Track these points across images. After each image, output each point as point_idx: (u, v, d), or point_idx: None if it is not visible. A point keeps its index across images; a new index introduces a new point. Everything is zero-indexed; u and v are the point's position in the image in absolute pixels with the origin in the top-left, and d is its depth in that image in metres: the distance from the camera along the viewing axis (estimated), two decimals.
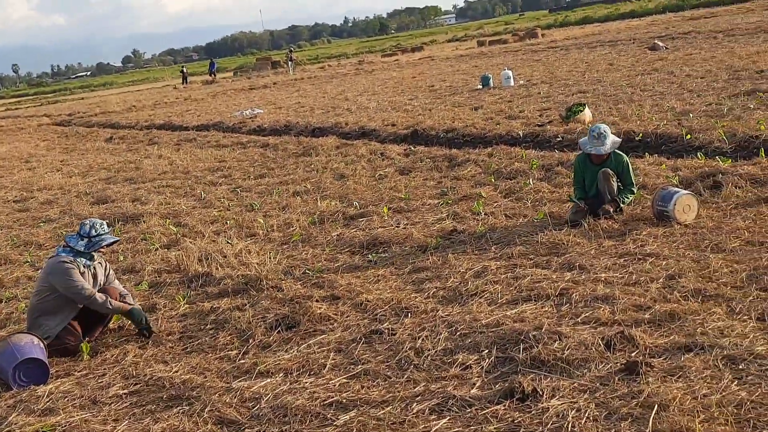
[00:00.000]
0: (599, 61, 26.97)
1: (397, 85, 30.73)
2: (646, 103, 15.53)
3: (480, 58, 40.55)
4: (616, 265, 7.00)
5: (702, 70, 19.40)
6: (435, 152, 13.82)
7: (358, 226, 9.77)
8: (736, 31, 29.89)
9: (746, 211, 8.00)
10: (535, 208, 9.40)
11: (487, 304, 6.48)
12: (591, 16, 75.26)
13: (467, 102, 20.85)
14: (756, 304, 5.68)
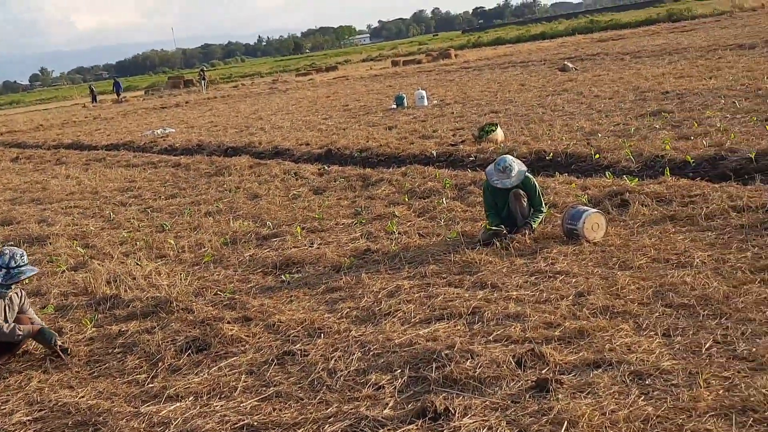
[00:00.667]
0: (511, 81, 27.37)
1: (312, 104, 30.72)
2: (556, 122, 15.80)
3: (394, 78, 40.78)
4: (527, 283, 7.07)
5: (610, 90, 19.83)
6: (349, 172, 13.82)
7: (272, 246, 9.70)
8: (643, 53, 30.65)
9: (652, 229, 8.17)
10: (448, 227, 9.45)
11: (400, 324, 6.47)
12: (503, 38, 76.40)
13: (381, 121, 20.93)
14: (661, 320, 5.79)
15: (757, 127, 12.05)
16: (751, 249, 7.10)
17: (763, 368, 4.80)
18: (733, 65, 21.22)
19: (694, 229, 8.01)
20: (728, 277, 6.49)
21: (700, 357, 5.10)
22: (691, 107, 15.06)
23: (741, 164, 10.16)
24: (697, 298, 6.09)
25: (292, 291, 7.79)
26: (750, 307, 5.79)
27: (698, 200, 8.79)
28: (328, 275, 8.18)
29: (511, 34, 79.56)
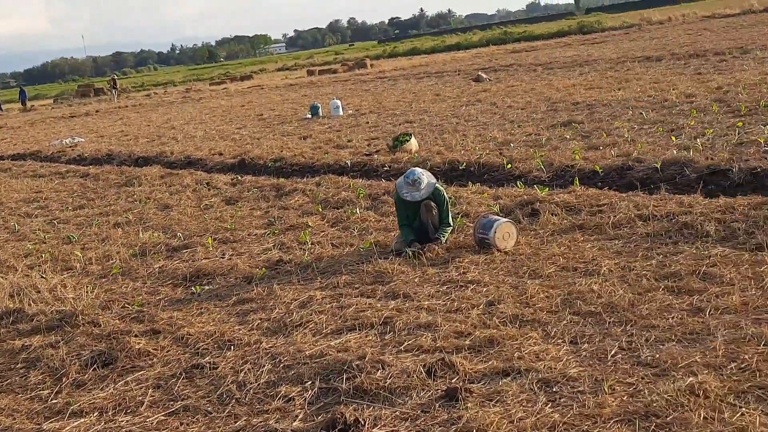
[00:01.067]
0: (426, 91, 27.56)
1: (226, 113, 30.49)
2: (470, 133, 15.95)
3: (310, 88, 40.74)
4: (439, 292, 7.09)
5: (522, 101, 20.11)
6: (262, 182, 13.73)
7: (182, 257, 9.56)
8: (555, 64, 31.18)
9: (562, 238, 8.29)
10: (361, 237, 9.45)
11: (311, 335, 6.43)
12: (418, 48, 76.94)
13: (296, 131, 20.88)
14: (569, 328, 5.87)
15: (662, 138, 12.34)
16: (656, 257, 7.25)
17: (666, 374, 4.89)
18: (640, 77, 21.71)
19: (602, 237, 8.15)
20: (634, 284, 6.61)
21: (606, 364, 5.18)
22: (601, 118, 15.35)
23: (647, 174, 10.38)
24: (604, 306, 6.19)
25: (202, 303, 7.68)
26: (654, 314, 5.90)
27: (606, 209, 8.94)
28: (240, 286, 8.09)
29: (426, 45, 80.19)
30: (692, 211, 8.27)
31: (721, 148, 10.98)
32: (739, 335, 5.28)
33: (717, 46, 27.59)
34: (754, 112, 13.38)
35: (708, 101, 15.22)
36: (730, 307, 5.83)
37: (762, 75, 17.78)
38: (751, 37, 29.63)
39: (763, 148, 10.54)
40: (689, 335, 5.45)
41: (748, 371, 4.79)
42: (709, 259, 6.94)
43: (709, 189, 9.50)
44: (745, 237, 7.40)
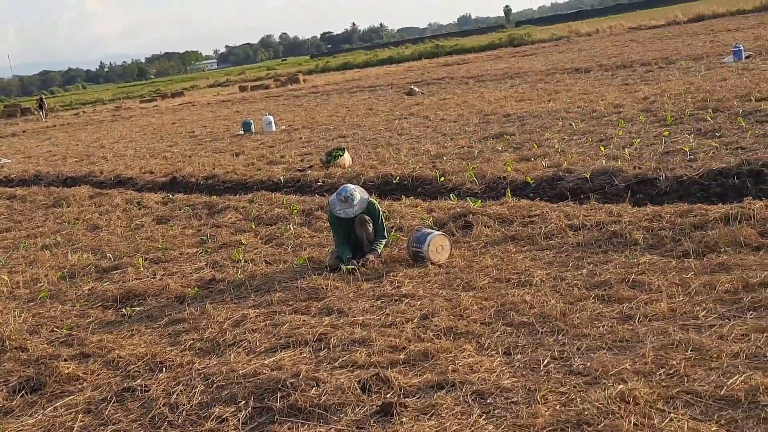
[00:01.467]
0: (359, 105, 27.63)
1: (157, 131, 30.20)
2: (403, 146, 16.02)
3: (242, 104, 40.57)
4: (373, 307, 7.08)
5: (455, 114, 20.27)
6: (194, 200, 13.60)
7: (112, 279, 9.40)
8: (486, 77, 31.52)
9: (494, 250, 8.35)
10: (295, 253, 9.40)
11: (245, 354, 6.37)
12: (351, 62, 77.13)
13: (228, 148, 20.78)
14: (503, 339, 5.90)
15: (591, 148, 12.53)
16: (586, 266, 7.34)
17: (597, 382, 4.94)
18: (570, 88, 22.04)
19: (534, 248, 8.23)
20: (565, 294, 6.68)
21: (539, 374, 5.22)
22: (532, 129, 15.54)
23: (577, 184, 10.53)
24: (536, 316, 6.24)
25: (133, 325, 7.55)
26: (585, 323, 5.97)
27: (537, 220, 9.03)
28: (172, 307, 7.98)
29: (359, 59, 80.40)
30: (621, 220, 8.40)
31: (648, 157, 11.18)
32: (668, 341, 5.36)
33: (643, 57, 28.16)
34: (680, 121, 13.65)
35: (635, 111, 15.50)
36: (658, 314, 5.92)
37: (687, 85, 18.17)
38: (676, 47, 30.30)
39: (689, 156, 10.76)
40: (619, 343, 5.52)
41: (677, 377, 4.86)
42: (638, 267, 7.05)
43: (637, 198, 9.67)
44: (672, 244, 7.53)
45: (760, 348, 5.03)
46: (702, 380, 4.75)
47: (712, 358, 5.02)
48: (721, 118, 13.27)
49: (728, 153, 10.65)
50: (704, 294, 6.19)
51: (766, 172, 9.29)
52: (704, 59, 24.12)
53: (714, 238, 7.36)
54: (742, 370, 4.77)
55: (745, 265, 6.68)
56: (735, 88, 16.15)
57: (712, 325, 5.57)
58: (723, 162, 10.03)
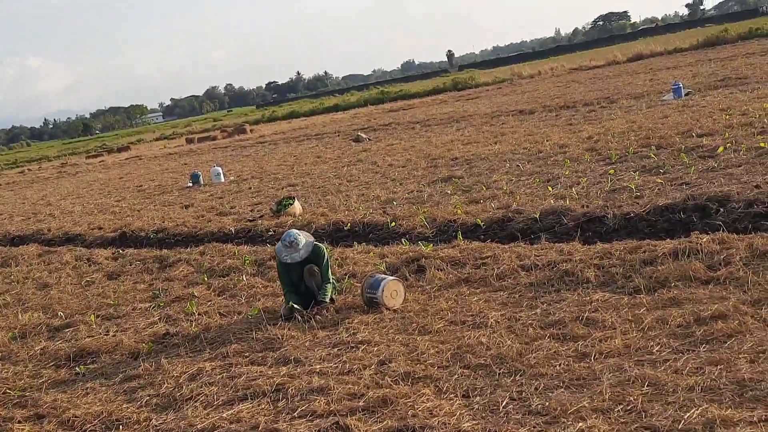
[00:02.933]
0: (307, 154, 27.68)
1: (104, 186, 29.95)
2: (352, 193, 16.06)
3: (189, 156, 40.44)
4: (330, 355, 7.06)
5: (403, 159, 20.38)
6: (145, 254, 13.49)
7: (64, 337, 9.26)
8: (432, 121, 31.77)
9: (448, 292, 8.39)
10: (249, 304, 9.36)
11: (203, 408, 6.30)
12: (297, 111, 77.22)
13: (177, 200, 20.66)
14: (461, 382, 5.92)
15: (539, 188, 12.67)
16: (540, 306, 7.41)
17: (556, 421, 4.97)
18: (515, 130, 22.31)
19: (488, 289, 8.29)
20: (521, 334, 6.73)
21: (498, 415, 5.24)
22: (480, 172, 15.68)
23: (527, 224, 10.63)
24: (493, 357, 6.27)
25: (87, 383, 7.45)
26: (542, 362, 6.01)
27: (489, 261, 9.10)
28: (126, 363, 7.89)
29: (305, 108, 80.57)
30: (572, 259, 8.49)
31: (595, 195, 11.34)
32: (624, 378, 5.42)
33: (585, 97, 28.60)
34: (624, 159, 13.88)
35: (580, 150, 15.73)
36: (613, 350, 5.99)
37: (629, 123, 18.48)
38: (617, 87, 30.82)
39: (635, 193, 10.93)
40: (576, 381, 5.57)
41: (634, 412, 4.91)
42: (591, 304, 7.13)
43: (587, 236, 9.79)
44: (623, 281, 7.64)
45: (715, 381, 5.11)
46: (659, 415, 4.81)
47: (668, 393, 5.08)
48: (664, 154, 13.53)
49: (673, 189, 10.84)
50: (657, 329, 6.28)
51: (711, 206, 9.47)
52: (645, 97, 24.57)
53: (664, 273, 7.48)
54: (698, 403, 4.84)
55: (695, 299, 6.79)
56: (676, 125, 16.48)
57: (666, 359, 5.65)
58: (669, 198, 10.21)
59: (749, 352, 5.46)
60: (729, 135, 13.96)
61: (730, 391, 4.95)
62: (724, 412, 4.65)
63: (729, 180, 10.62)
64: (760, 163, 11.32)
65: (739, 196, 9.52)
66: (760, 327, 5.93)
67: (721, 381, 5.09)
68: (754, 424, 4.51)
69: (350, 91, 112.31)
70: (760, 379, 4.99)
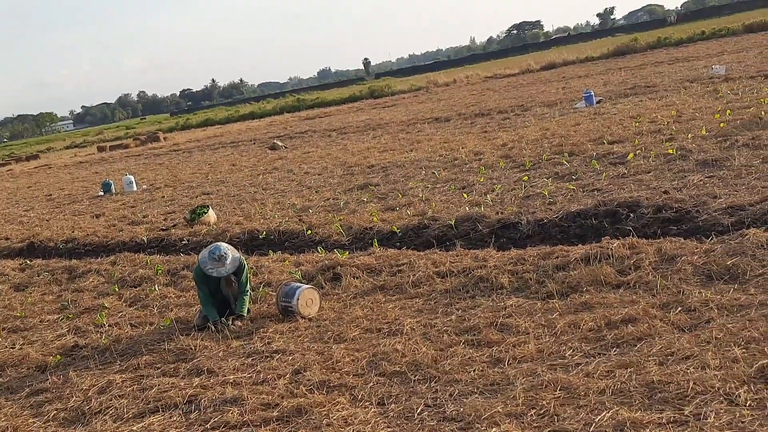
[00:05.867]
0: (222, 162, 27.43)
1: (11, 195, 29.21)
2: (268, 201, 15.95)
3: (101, 164, 39.71)
4: (244, 365, 6.96)
5: (319, 167, 20.33)
6: (54, 265, 13.16)
7: None
8: (348, 129, 31.80)
9: (364, 300, 8.37)
10: (162, 314, 9.20)
11: (112, 421, 6.15)
12: (212, 119, 76.48)
13: (88, 210, 20.26)
14: (376, 389, 5.89)
15: (455, 195, 12.74)
16: (455, 312, 7.43)
17: (471, 427, 4.97)
18: (431, 137, 22.45)
19: (403, 296, 8.29)
20: (436, 341, 6.73)
21: (413, 422, 5.22)
22: (396, 179, 15.72)
23: (443, 231, 10.67)
24: (408, 365, 6.25)
25: None
26: (456, 368, 6.01)
27: (405, 269, 9.10)
28: (33, 377, 7.67)
29: (220, 115, 79.86)
30: (487, 265, 8.55)
31: (509, 202, 11.45)
32: (537, 382, 5.45)
33: (500, 104, 28.98)
34: (538, 166, 14.06)
35: (495, 158, 15.89)
36: (526, 355, 6.03)
37: (543, 130, 18.76)
38: (530, 95, 31.30)
39: (548, 200, 11.07)
40: (491, 386, 5.59)
41: (547, 416, 4.94)
42: (505, 310, 7.18)
43: (501, 242, 9.87)
44: (536, 286, 7.71)
45: (625, 383, 5.17)
46: (571, 418, 4.85)
47: (580, 396, 5.13)
48: (576, 161, 13.74)
49: (585, 195, 11.01)
50: (569, 333, 6.35)
51: (622, 212, 9.64)
52: (558, 105, 24.99)
53: (576, 278, 7.58)
54: (609, 406, 4.89)
55: (606, 303, 6.88)
56: (588, 132, 16.78)
57: (578, 363, 5.71)
58: (581, 204, 10.36)
59: (658, 355, 5.55)
60: (639, 142, 14.27)
61: (640, 393, 5.02)
62: (634, 414, 4.71)
63: (639, 186, 10.84)
64: (668, 170, 11.58)
65: (648, 202, 9.72)
66: (668, 330, 6.04)
67: (631, 384, 5.15)
68: (663, 425, 4.57)
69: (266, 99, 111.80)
70: (668, 381, 5.07)
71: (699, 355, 5.41)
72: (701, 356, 5.38)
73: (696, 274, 7.18)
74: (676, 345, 5.66)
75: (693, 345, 5.62)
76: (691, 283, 7.01)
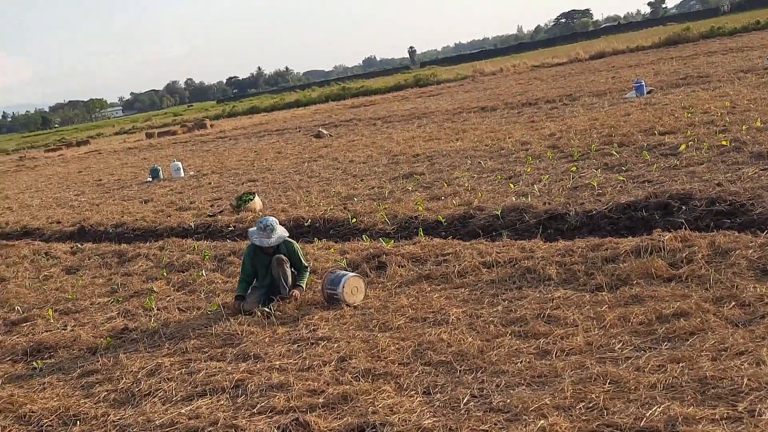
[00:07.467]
0: (268, 149, 27.54)
1: (63, 180, 29.61)
2: (313, 189, 15.99)
3: (149, 151, 40.10)
4: (290, 351, 7.00)
5: (364, 155, 20.33)
6: (104, 248, 13.34)
7: (21, 332, 9.12)
8: (393, 117, 31.74)
9: (409, 289, 8.36)
10: (208, 299, 9.27)
11: (161, 403, 6.22)
12: (258, 106, 76.85)
13: (137, 195, 20.48)
14: (422, 379, 5.88)
15: (501, 185, 12.68)
16: (501, 303, 7.39)
17: (518, 418, 4.95)
18: (477, 127, 22.34)
19: (449, 286, 8.26)
20: (482, 331, 6.71)
21: (459, 412, 5.20)
22: (441, 168, 15.67)
23: (489, 221, 10.62)
24: (454, 354, 6.24)
25: (44, 378, 7.33)
26: (503, 359, 5.99)
27: (451, 258, 9.08)
28: (84, 358, 7.78)
29: (266, 103, 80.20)
30: (534, 256, 8.49)
31: (557, 193, 11.37)
32: (586, 375, 5.41)
33: (548, 94, 28.74)
34: (586, 156, 13.94)
35: (542, 148, 15.78)
36: (575, 348, 5.98)
37: (591, 121, 18.58)
38: (579, 84, 30.99)
39: (597, 191, 10.97)
40: (538, 378, 5.55)
41: (596, 410, 4.90)
42: (553, 302, 7.13)
43: (549, 233, 9.80)
44: (585, 278, 7.64)
45: (677, 378, 5.11)
46: (621, 412, 4.80)
47: (630, 390, 5.08)
48: (626, 152, 13.60)
49: (635, 186, 10.89)
50: (619, 327, 6.29)
51: (673, 204, 9.52)
52: (607, 95, 24.72)
53: (626, 270, 7.50)
54: (660, 401, 4.84)
55: (657, 296, 6.80)
56: (639, 123, 16.58)
57: (628, 357, 5.65)
58: (631, 195, 10.25)
59: (711, 350, 5.48)
60: (691, 133, 14.08)
61: (692, 388, 4.96)
62: (686, 409, 4.66)
63: (691, 178, 10.70)
64: (721, 161, 11.42)
65: (701, 194, 9.58)
66: (721, 324, 5.95)
67: (683, 379, 5.09)
68: (716, 421, 4.52)
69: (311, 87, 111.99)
70: (721, 377, 5.00)
71: (754, 351, 5.33)
72: (756, 352, 5.30)
73: (750, 269, 7.07)
74: (730, 340, 5.59)
75: (747, 341, 5.54)
76: (746, 277, 6.91)
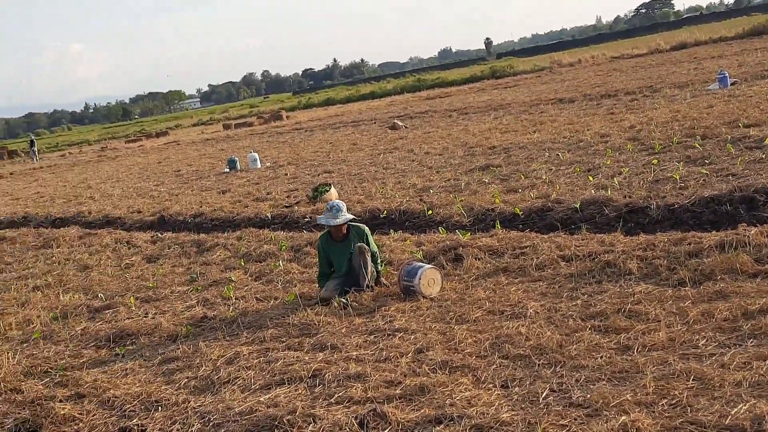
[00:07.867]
0: (343, 141, 27.65)
1: (143, 171, 30.16)
2: (389, 180, 15.99)
3: (226, 142, 40.59)
4: (366, 342, 7.01)
5: (440, 147, 20.27)
6: (183, 238, 13.55)
7: (104, 318, 9.33)
8: (469, 109, 31.58)
9: (486, 282, 8.31)
10: (285, 289, 9.34)
11: (240, 391, 6.29)
12: (333, 98, 77.25)
13: (214, 186, 20.73)
14: (499, 372, 5.84)
15: (580, 178, 12.52)
16: (581, 297, 7.30)
17: (598, 414, 4.88)
18: (555, 119, 22.10)
19: (526, 279, 8.19)
20: (560, 325, 6.64)
21: (538, 406, 5.16)
22: (518, 161, 15.54)
23: (567, 214, 10.50)
24: (533, 348, 6.18)
25: (127, 364, 7.48)
26: (582, 354, 5.92)
27: (528, 251, 9.00)
28: (165, 345, 7.92)
29: (341, 95, 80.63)
30: (614, 250, 8.37)
31: (638, 186, 11.17)
32: (668, 371, 5.32)
33: (627, 85, 28.26)
34: (668, 149, 13.67)
35: (622, 140, 15.53)
36: (657, 343, 5.88)
37: (673, 113, 18.23)
38: (660, 75, 30.44)
39: (679, 184, 10.76)
40: (619, 374, 5.47)
41: (680, 407, 4.81)
42: (634, 296, 7.02)
43: (629, 227, 9.65)
44: (667, 273, 7.50)
45: (763, 376, 4.99)
46: (706, 410, 4.70)
47: (714, 387, 4.98)
48: (709, 145, 13.31)
49: (719, 180, 10.66)
50: (703, 323, 6.16)
51: (759, 198, 9.29)
52: (689, 87, 24.21)
53: (710, 265, 7.34)
54: (745, 399, 4.73)
55: (742, 292, 6.65)
56: (722, 115, 16.22)
57: (712, 353, 5.53)
58: (714, 189, 10.02)
59: None
60: None
61: None
62: None
63: None
64: None
65: None
66: None
67: None
68: None
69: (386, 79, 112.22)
70: None
71: None
72: None
73: None
74: None
75: None
76: None
